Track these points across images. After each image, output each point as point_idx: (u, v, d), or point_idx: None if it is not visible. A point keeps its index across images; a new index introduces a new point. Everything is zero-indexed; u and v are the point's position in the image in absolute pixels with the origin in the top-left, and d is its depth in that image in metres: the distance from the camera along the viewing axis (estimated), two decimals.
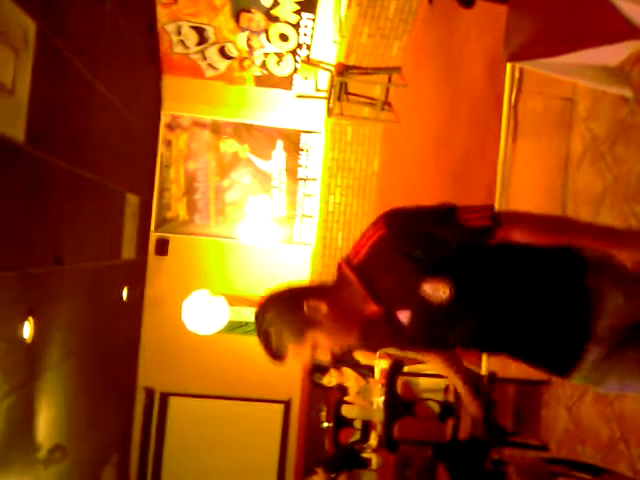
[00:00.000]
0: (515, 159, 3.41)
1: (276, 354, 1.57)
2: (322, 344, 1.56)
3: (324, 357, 1.59)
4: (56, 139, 3.67)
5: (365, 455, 4.43)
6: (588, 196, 3.25)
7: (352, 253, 1.61)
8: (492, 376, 3.26)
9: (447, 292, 1.49)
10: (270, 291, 1.63)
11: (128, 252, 5.42)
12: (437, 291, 1.50)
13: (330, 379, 4.79)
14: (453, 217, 1.53)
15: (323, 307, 1.54)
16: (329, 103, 5.11)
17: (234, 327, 5.94)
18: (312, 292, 1.59)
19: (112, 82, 4.54)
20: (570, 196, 3.44)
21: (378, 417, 4.09)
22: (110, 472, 5.41)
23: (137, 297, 5.81)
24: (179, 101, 6.06)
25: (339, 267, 1.60)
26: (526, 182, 3.89)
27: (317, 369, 5.02)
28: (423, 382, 3.96)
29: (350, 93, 5.14)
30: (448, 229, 1.53)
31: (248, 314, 6.00)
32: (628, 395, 2.72)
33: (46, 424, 3.71)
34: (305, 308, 1.54)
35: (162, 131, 6.07)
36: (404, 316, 1.59)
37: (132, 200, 5.45)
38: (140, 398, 6.08)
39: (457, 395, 3.54)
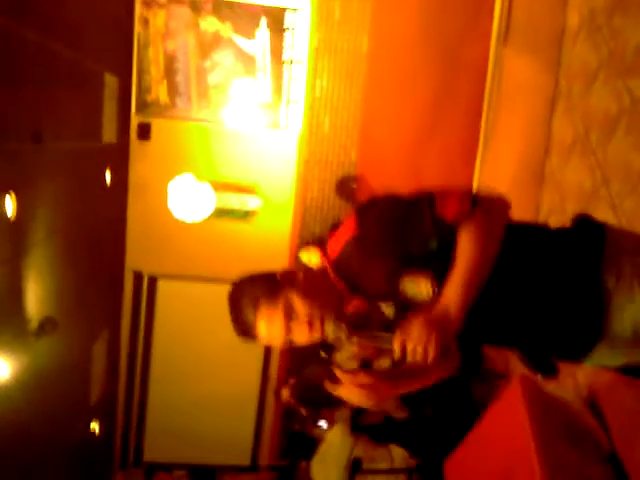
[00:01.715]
0: (509, 32, 3.29)
1: (247, 326, 1.61)
2: (299, 310, 1.52)
3: (306, 332, 1.53)
4: (29, 12, 3.47)
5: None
6: (582, 72, 3.18)
7: (329, 247, 1.57)
8: None
9: (429, 288, 1.39)
10: (246, 277, 1.67)
11: (109, 135, 5.29)
12: (419, 287, 1.41)
13: (310, 257, 4.80)
14: (430, 210, 1.42)
15: (299, 274, 1.54)
16: None
17: (220, 213, 5.95)
18: (292, 282, 1.55)
19: None
20: (563, 73, 3.36)
21: None
22: (101, 346, 5.60)
23: (121, 181, 5.75)
24: None
25: (322, 267, 1.58)
26: (519, 58, 3.77)
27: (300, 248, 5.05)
28: None
29: None
30: (426, 225, 1.42)
31: (233, 200, 5.99)
32: None
33: (36, 298, 3.77)
34: (279, 276, 1.55)
35: (138, 8, 5.73)
36: (387, 308, 1.52)
37: (111, 81, 5.25)
38: (128, 280, 6.17)
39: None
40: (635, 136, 2.62)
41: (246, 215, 6.01)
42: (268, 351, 6.43)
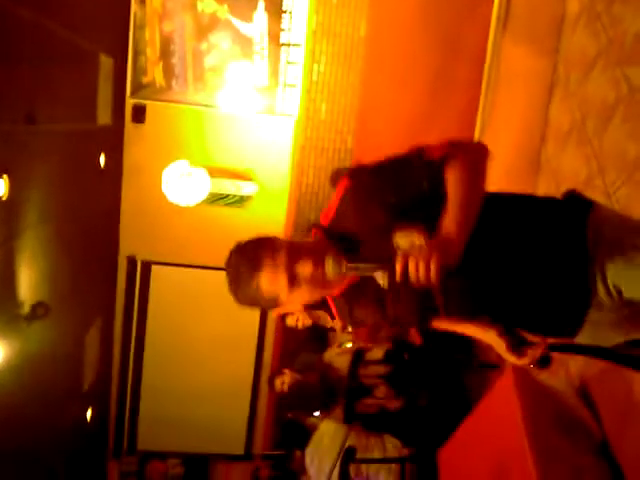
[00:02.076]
0: (508, 17, 3.25)
1: (248, 289, 1.56)
2: (303, 268, 1.50)
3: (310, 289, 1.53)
4: None
5: None
6: (580, 60, 3.15)
7: (322, 217, 1.60)
8: None
9: (422, 240, 1.37)
10: (246, 243, 1.62)
11: (103, 117, 5.24)
12: (411, 239, 1.38)
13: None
14: (420, 156, 1.47)
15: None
16: None
17: (215, 198, 5.91)
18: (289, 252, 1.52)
19: None
20: (562, 60, 3.33)
21: None
22: (94, 334, 5.58)
23: (115, 164, 5.70)
24: None
25: (314, 234, 1.58)
26: (518, 44, 3.73)
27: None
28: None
29: None
30: (416, 168, 1.47)
31: (229, 186, 5.95)
32: None
33: (28, 282, 3.75)
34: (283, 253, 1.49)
35: None
36: (381, 276, 1.47)
37: (106, 62, 5.18)
38: (122, 266, 6.14)
39: None
40: (632, 124, 2.60)
41: (241, 201, 5.98)
42: (262, 339, 6.43)
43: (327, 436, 3.59)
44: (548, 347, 1.93)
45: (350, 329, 4.36)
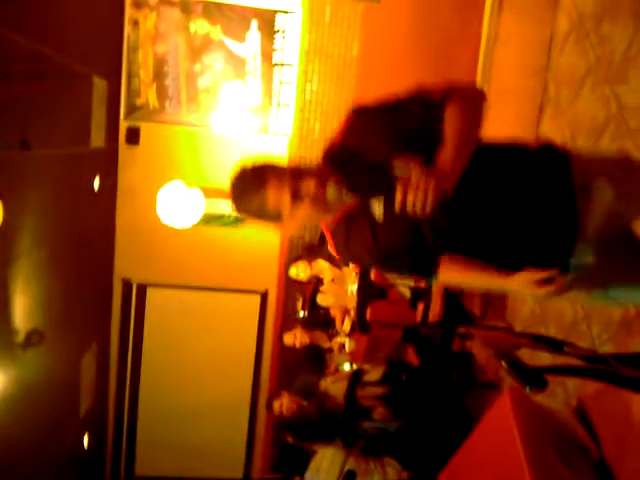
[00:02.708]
0: (499, 36, 3.27)
1: (262, 211, 1.66)
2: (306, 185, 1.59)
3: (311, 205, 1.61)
4: (17, 14, 3.43)
5: (339, 340, 4.57)
6: (570, 77, 3.16)
7: (328, 145, 1.68)
8: None
9: (419, 170, 1.43)
10: (252, 165, 1.71)
11: (97, 140, 5.24)
12: (408, 168, 1.46)
13: (297, 271, 4.81)
14: (420, 96, 1.59)
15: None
16: None
17: (210, 219, 5.91)
18: (295, 174, 1.61)
19: None
20: (552, 77, 3.35)
21: (352, 303, 4.20)
22: (90, 359, 5.54)
23: (109, 187, 5.70)
24: None
25: (317, 161, 1.66)
26: (508, 63, 3.76)
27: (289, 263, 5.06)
28: None
29: None
30: (415, 106, 1.58)
31: (224, 206, 5.95)
32: None
33: (23, 309, 3.72)
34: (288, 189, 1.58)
35: (128, 10, 5.69)
36: (377, 207, 1.60)
37: (99, 84, 5.20)
38: (117, 289, 6.12)
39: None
40: (621, 142, 2.61)
41: (236, 221, 5.97)
42: (259, 360, 6.39)
43: (326, 460, 3.55)
44: (544, 370, 1.93)
45: (349, 266, 4.34)
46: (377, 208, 1.59)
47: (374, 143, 1.57)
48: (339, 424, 3.61)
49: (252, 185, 1.65)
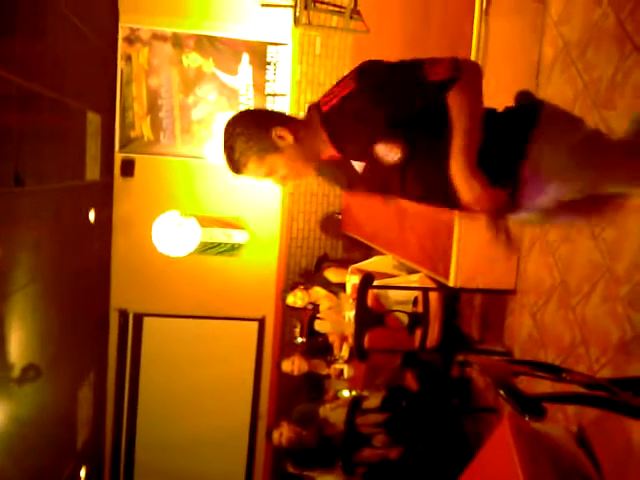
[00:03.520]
0: (486, 66, 3.32)
1: (236, 167, 1.71)
2: (279, 170, 1.71)
3: (279, 182, 1.76)
4: (10, 54, 3.48)
5: (337, 366, 4.56)
6: (559, 103, 3.21)
7: (323, 100, 1.68)
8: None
9: (399, 155, 1.61)
10: (243, 109, 1.77)
11: (92, 173, 5.28)
12: (390, 153, 1.61)
13: (295, 299, 4.83)
14: (420, 73, 1.58)
15: (289, 137, 1.65)
16: (296, 12, 4.89)
17: (206, 248, 5.92)
18: (282, 121, 1.68)
19: None
20: None
21: (349, 330, 4.19)
22: (87, 390, 5.50)
23: (105, 219, 5.72)
24: (137, 12, 5.73)
25: (309, 109, 1.70)
26: (497, 92, 3.81)
27: (287, 290, 5.07)
28: (393, 295, 4.04)
29: (317, 1, 4.91)
30: (415, 87, 1.59)
31: (219, 235, 5.97)
32: (591, 300, 2.80)
33: (18, 344, 3.71)
34: (272, 133, 1.64)
35: (120, 45, 5.77)
36: (359, 166, 1.70)
37: (93, 119, 5.25)
38: (114, 320, 6.10)
39: (425, 307, 3.63)
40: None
41: (232, 249, 5.99)
42: (257, 388, 6.36)
43: None
44: (542, 398, 1.93)
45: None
46: (358, 166, 1.69)
47: (367, 117, 1.60)
48: (339, 451, 3.58)
49: (234, 157, 1.70)
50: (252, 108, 1.86)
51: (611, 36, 2.83)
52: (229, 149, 1.70)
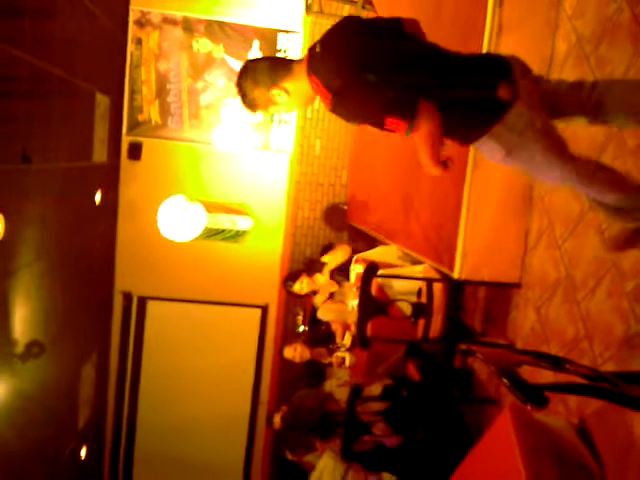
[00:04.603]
0: None
1: (249, 104, 2.08)
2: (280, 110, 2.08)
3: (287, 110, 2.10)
4: (21, 32, 3.48)
5: (339, 354, 4.56)
6: None
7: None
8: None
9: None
10: (252, 60, 2.13)
11: (99, 155, 5.28)
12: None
13: (302, 286, 4.83)
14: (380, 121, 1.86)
15: (284, 94, 2.00)
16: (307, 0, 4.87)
17: (211, 233, 5.92)
18: (281, 76, 2.01)
19: None
20: None
21: (352, 318, 4.20)
22: (89, 370, 5.53)
23: (111, 201, 5.73)
24: None
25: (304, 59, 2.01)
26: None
27: (289, 278, 5.07)
28: (397, 285, 4.04)
29: None
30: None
31: (224, 220, 5.97)
32: (596, 295, 2.81)
33: (22, 321, 3.73)
34: (272, 91, 2.01)
35: (131, 28, 5.76)
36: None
37: (102, 100, 5.25)
38: (118, 302, 6.12)
39: (429, 297, 3.63)
40: (622, 161, 2.65)
41: (237, 235, 5.99)
42: (258, 374, 6.38)
43: (326, 472, 3.54)
44: (545, 387, 1.93)
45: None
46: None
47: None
48: (338, 427, 3.60)
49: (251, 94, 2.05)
50: (258, 61, 2.18)
51: (625, 31, 2.81)
52: (241, 95, 2.09)
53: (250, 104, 2.07)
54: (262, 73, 2.02)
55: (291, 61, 2.08)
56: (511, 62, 1.98)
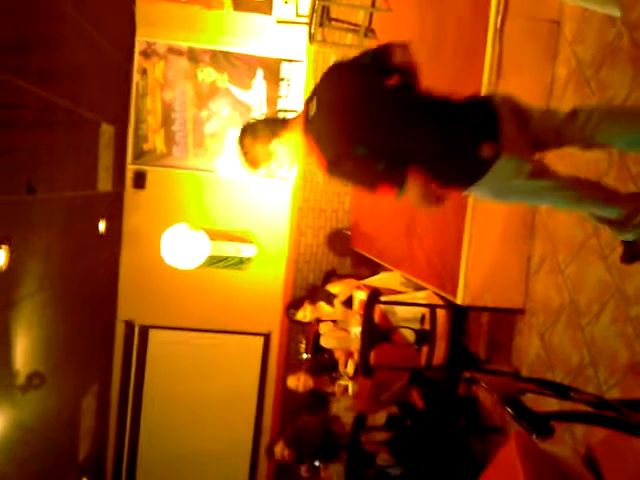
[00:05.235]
0: (499, 87, 3.33)
1: (251, 160, 2.21)
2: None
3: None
4: (27, 64, 3.53)
5: (342, 382, 4.51)
6: None
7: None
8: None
9: None
10: (250, 122, 2.26)
11: (104, 184, 5.31)
12: None
13: (305, 314, 4.81)
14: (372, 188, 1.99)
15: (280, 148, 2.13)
16: (310, 29, 4.94)
17: (214, 261, 5.92)
18: (276, 132, 2.13)
19: (83, 5, 4.34)
20: None
21: (355, 346, 4.17)
22: (90, 400, 5.48)
23: (115, 230, 5.74)
24: (154, 26, 5.82)
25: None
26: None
27: (292, 305, 5.05)
28: (400, 312, 4.01)
29: (332, 19, 4.97)
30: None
31: (228, 248, 5.97)
32: (600, 320, 2.77)
33: (24, 352, 3.71)
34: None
35: (137, 59, 5.85)
36: None
37: (107, 130, 5.30)
38: (120, 331, 6.09)
39: (433, 324, 3.60)
40: (624, 186, 2.64)
41: (240, 263, 5.99)
42: (261, 403, 6.31)
43: None
44: (550, 416, 1.90)
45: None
46: None
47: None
48: (341, 451, 3.54)
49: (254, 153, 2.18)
50: (257, 120, 2.32)
51: (625, 55, 2.83)
52: (243, 153, 2.24)
53: (252, 160, 2.19)
54: (261, 128, 2.15)
55: (288, 118, 2.21)
56: (498, 109, 2.02)
